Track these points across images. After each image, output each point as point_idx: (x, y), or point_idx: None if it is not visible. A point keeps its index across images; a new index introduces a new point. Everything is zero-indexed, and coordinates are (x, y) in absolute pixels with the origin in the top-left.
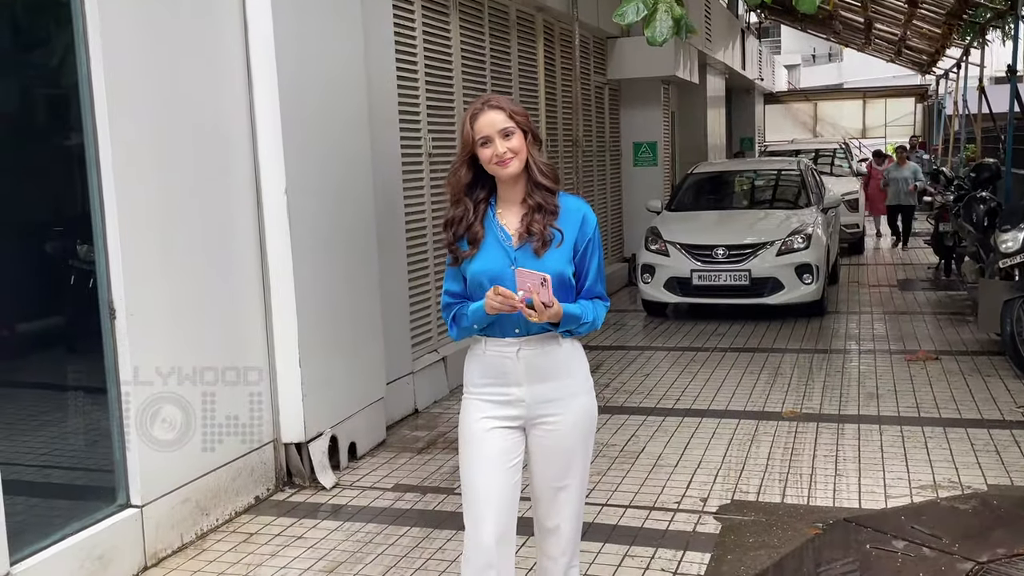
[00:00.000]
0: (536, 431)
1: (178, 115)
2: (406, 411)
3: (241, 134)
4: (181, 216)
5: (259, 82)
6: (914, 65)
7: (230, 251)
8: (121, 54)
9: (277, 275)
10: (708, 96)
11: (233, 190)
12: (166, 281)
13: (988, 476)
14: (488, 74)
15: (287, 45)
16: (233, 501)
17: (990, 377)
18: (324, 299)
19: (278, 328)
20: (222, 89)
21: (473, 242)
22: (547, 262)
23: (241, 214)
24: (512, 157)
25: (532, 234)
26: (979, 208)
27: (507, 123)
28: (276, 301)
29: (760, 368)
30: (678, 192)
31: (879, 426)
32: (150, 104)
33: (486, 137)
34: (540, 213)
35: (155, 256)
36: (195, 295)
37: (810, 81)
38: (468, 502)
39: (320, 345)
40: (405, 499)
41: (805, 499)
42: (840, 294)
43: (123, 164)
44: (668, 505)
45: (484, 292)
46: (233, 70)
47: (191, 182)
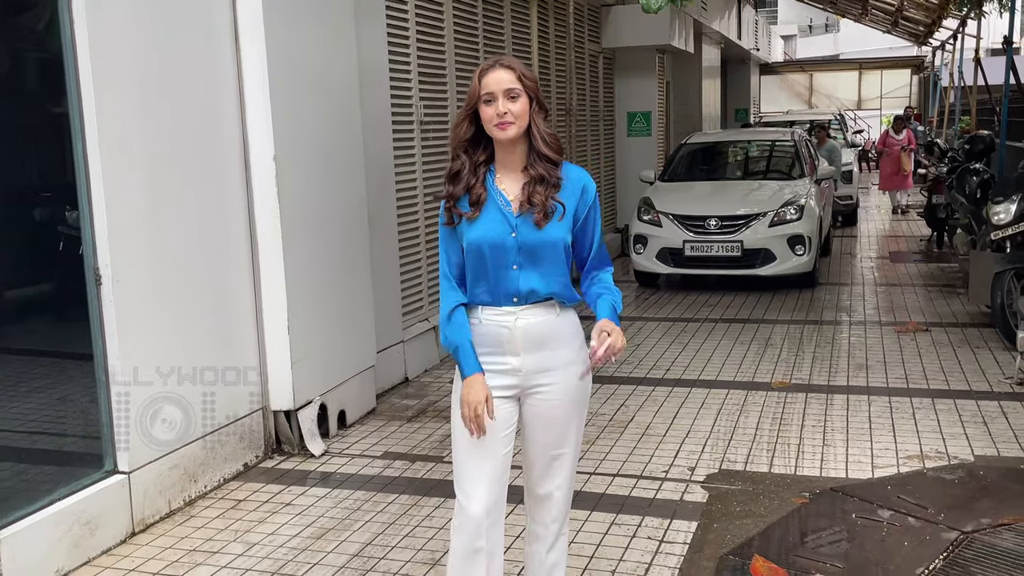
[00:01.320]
0: (531, 400)
1: (164, 80)
2: (396, 379)
3: (229, 100)
4: (168, 182)
5: (247, 47)
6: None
7: (218, 218)
8: (105, 17)
9: (266, 241)
10: (703, 66)
11: (221, 157)
12: (153, 248)
13: (975, 447)
14: (481, 41)
15: (275, 9)
16: (222, 468)
17: (979, 349)
18: (313, 266)
19: (267, 295)
20: (209, 55)
21: (475, 204)
22: (548, 232)
23: (230, 181)
24: (512, 122)
25: (533, 205)
26: (972, 180)
27: (514, 84)
28: (265, 268)
29: (751, 339)
30: (671, 162)
31: (868, 397)
32: (135, 69)
33: (491, 94)
34: (542, 185)
35: (141, 223)
36: (182, 262)
37: (806, 52)
38: (460, 472)
39: (310, 312)
40: (394, 467)
41: (792, 469)
42: (832, 266)
43: (108, 129)
44: (656, 474)
45: (483, 262)
46: (221, 35)
47: (178, 148)
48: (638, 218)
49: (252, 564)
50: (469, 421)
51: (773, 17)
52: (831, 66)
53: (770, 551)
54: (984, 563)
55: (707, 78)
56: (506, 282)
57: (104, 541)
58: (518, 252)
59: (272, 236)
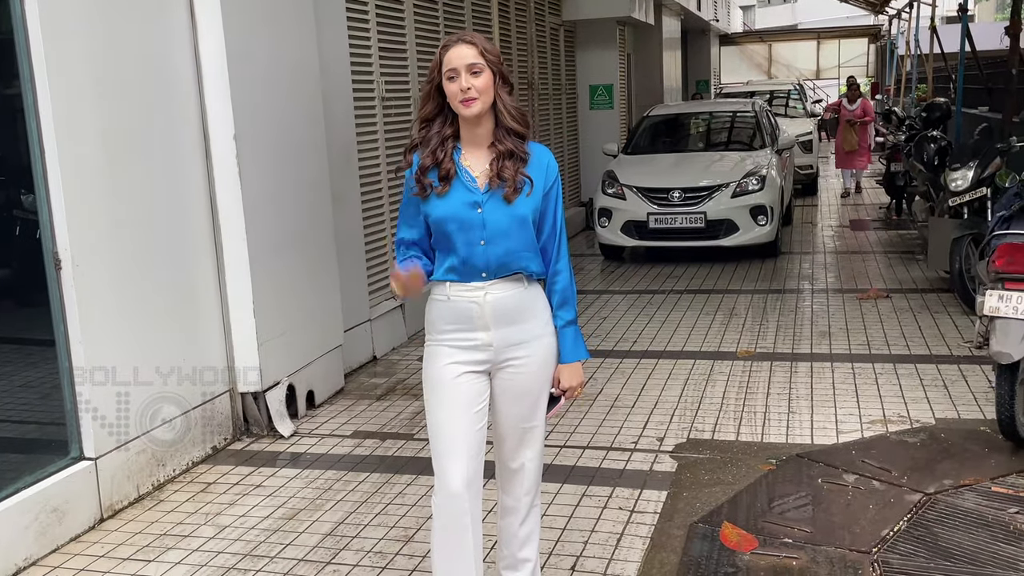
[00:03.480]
0: (502, 374)
1: (119, 58)
2: (364, 358)
3: (187, 80)
4: (126, 164)
5: (204, 25)
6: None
7: (179, 198)
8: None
9: (228, 222)
10: (664, 38)
11: (180, 137)
12: (112, 231)
13: (936, 410)
14: (441, 15)
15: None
16: (190, 451)
17: (939, 314)
18: (277, 246)
19: (231, 276)
20: (165, 31)
21: (444, 179)
22: (516, 208)
23: (189, 161)
24: (475, 97)
25: (504, 180)
26: (930, 148)
27: (476, 59)
28: (228, 248)
29: (715, 309)
30: (634, 135)
31: (831, 364)
32: (88, 48)
33: (453, 70)
34: (511, 159)
35: (100, 205)
36: (143, 244)
37: (765, 22)
38: (437, 449)
39: (275, 293)
40: (364, 446)
41: (759, 436)
42: (794, 235)
43: (62, 110)
44: (625, 445)
45: (449, 239)
46: (176, 13)
47: (136, 128)
48: (602, 191)
49: (223, 547)
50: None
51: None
52: (790, 36)
53: (739, 518)
54: (947, 523)
55: (668, 50)
56: (473, 258)
57: (72, 528)
58: (483, 228)
59: (235, 216)
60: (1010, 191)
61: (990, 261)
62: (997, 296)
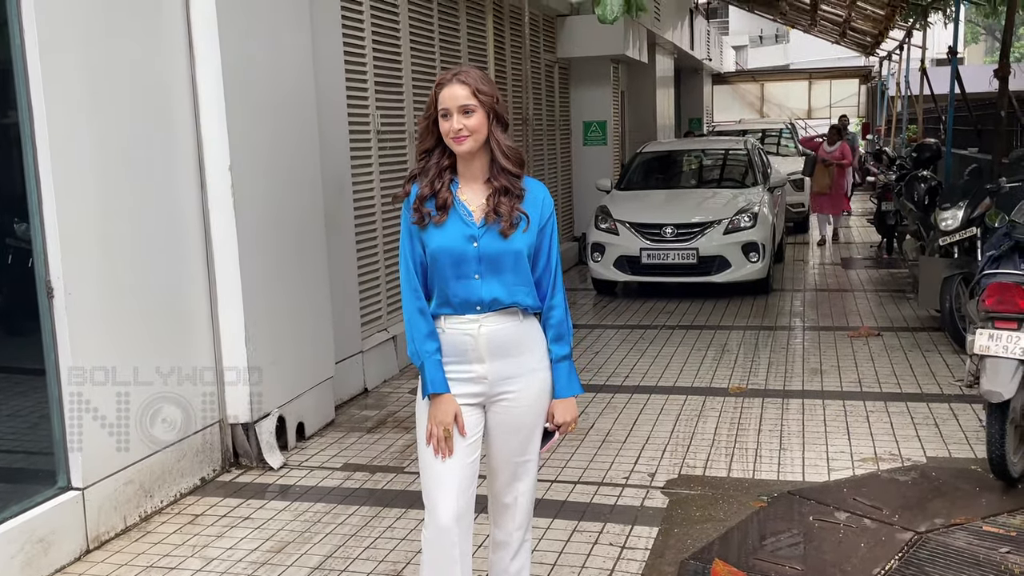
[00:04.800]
0: (496, 407)
1: (116, 89)
2: (355, 390)
3: (183, 110)
4: (121, 194)
5: (201, 56)
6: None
7: (173, 228)
8: (56, 25)
9: (222, 252)
10: (657, 76)
11: (176, 167)
12: (106, 259)
13: (927, 448)
14: (437, 51)
15: (230, 18)
16: (178, 482)
17: (929, 352)
18: (271, 277)
19: (223, 306)
20: (163, 62)
21: (442, 208)
22: (512, 242)
23: (184, 191)
24: (467, 136)
25: (500, 215)
26: (920, 187)
27: (469, 100)
28: (221, 279)
29: (707, 345)
30: (627, 171)
31: (822, 401)
32: (86, 77)
33: (446, 110)
34: (507, 196)
35: (94, 234)
36: (136, 273)
37: (757, 62)
38: (428, 482)
39: (267, 323)
40: (354, 478)
41: (750, 473)
42: (785, 272)
43: (59, 139)
44: (617, 480)
45: (444, 272)
46: (174, 43)
47: (131, 159)
48: (595, 226)
49: None
50: (438, 442)
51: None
52: (782, 76)
53: (730, 555)
54: (938, 563)
55: (661, 88)
56: (468, 291)
57: (58, 559)
58: (479, 262)
59: (228, 247)
60: (999, 231)
61: (980, 300)
62: (987, 335)
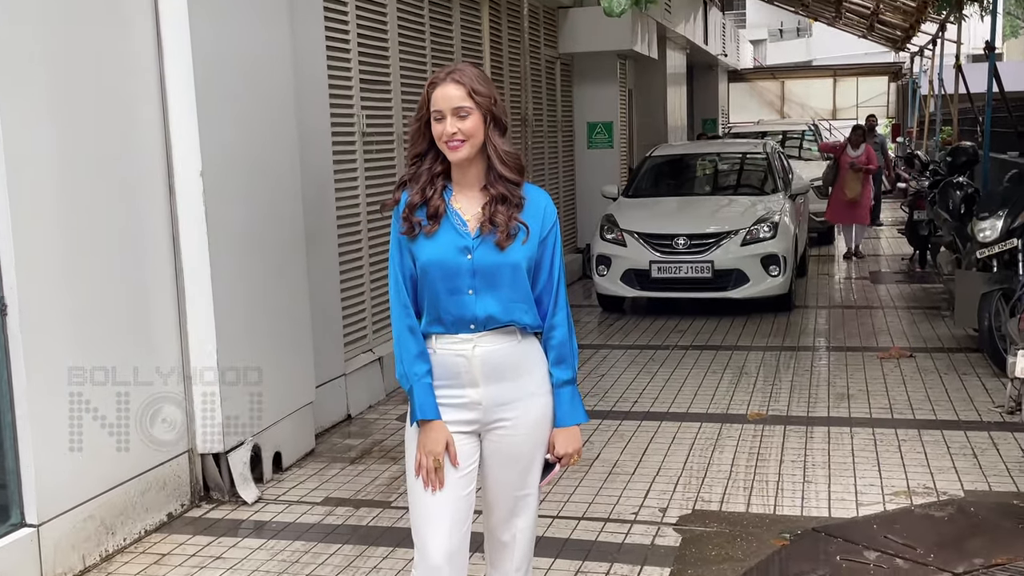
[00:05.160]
0: (492, 436)
1: (75, 88)
2: (338, 417)
3: (151, 108)
4: (81, 203)
5: (170, 49)
6: (887, 41)
7: (138, 239)
8: (10, 10)
9: (192, 266)
10: (668, 73)
11: (141, 172)
12: (65, 274)
13: (965, 481)
14: (428, 46)
15: (202, 6)
16: (143, 518)
17: (967, 375)
18: (245, 293)
19: (193, 325)
20: (128, 58)
21: (433, 217)
22: (509, 254)
23: (151, 198)
24: (461, 142)
25: (496, 225)
26: (955, 195)
27: (464, 102)
28: (191, 295)
29: (724, 367)
30: (636, 177)
31: (850, 429)
32: (43, 74)
33: (439, 112)
34: (504, 204)
35: (53, 247)
36: (98, 289)
37: (777, 58)
38: (417, 517)
39: (241, 344)
40: (336, 514)
41: (771, 508)
42: (809, 287)
43: (14, 144)
44: (624, 516)
45: (435, 286)
46: (141, 37)
47: (93, 163)
48: (600, 237)
49: None
50: (428, 473)
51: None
52: (804, 73)
53: None
54: None
55: (672, 86)
56: (461, 308)
57: None
58: (473, 276)
59: (199, 260)
60: None
61: (1022, 318)
62: None
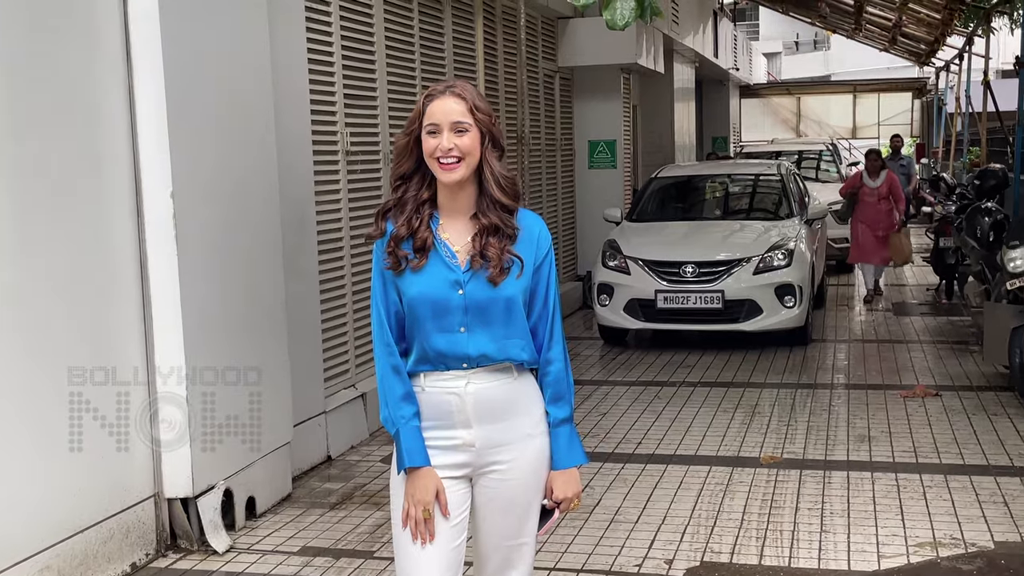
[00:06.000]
0: (485, 480)
1: (35, 98)
2: (317, 459)
3: (118, 127)
4: (38, 228)
5: (140, 59)
6: (911, 55)
7: (101, 267)
8: None
9: (160, 294)
10: (675, 88)
11: (106, 193)
12: (17, 299)
13: (995, 531)
14: (418, 58)
15: (174, 15)
16: (104, 569)
17: (997, 416)
18: (217, 325)
19: (161, 359)
20: (93, 70)
21: (420, 250)
22: (502, 289)
23: (117, 222)
24: (457, 162)
25: (487, 260)
26: (984, 221)
27: (464, 117)
28: (159, 327)
29: (735, 406)
30: (640, 199)
31: (871, 474)
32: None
33: (435, 125)
34: (496, 236)
35: (5, 277)
36: (56, 323)
37: (793, 72)
38: (404, 570)
39: (212, 380)
40: (314, 564)
41: (786, 559)
42: (827, 319)
43: None
44: (628, 568)
45: (423, 324)
46: (107, 44)
47: (51, 184)
48: (603, 264)
49: None
50: (416, 525)
51: (754, 33)
52: (821, 88)
53: None
54: None
55: (680, 102)
56: (452, 346)
57: None
58: (465, 313)
59: (168, 287)
60: None
61: None
62: None
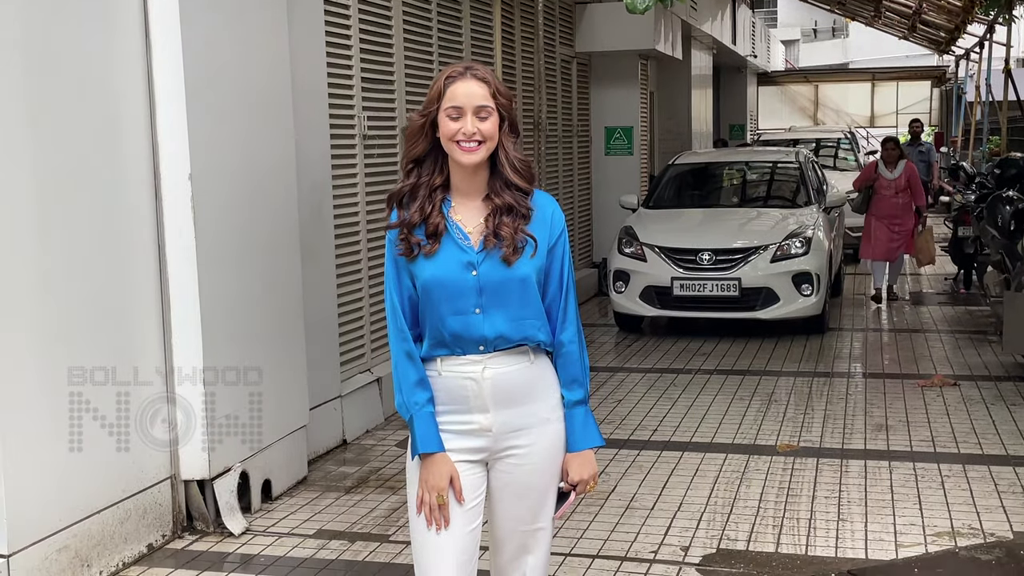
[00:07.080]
0: (502, 465)
1: (57, 85)
2: (333, 442)
3: (137, 109)
4: (58, 211)
5: (159, 42)
6: (930, 43)
7: (119, 249)
8: None
9: (178, 279)
10: (693, 75)
11: (125, 177)
12: (41, 286)
13: (1014, 522)
14: (435, 43)
15: (192, 3)
16: (121, 550)
17: (1016, 406)
18: (235, 309)
19: (178, 343)
20: (112, 54)
21: (433, 235)
22: (516, 269)
23: (135, 204)
24: (479, 145)
25: (501, 239)
26: (1004, 210)
27: (487, 102)
28: (176, 310)
29: (751, 394)
30: (657, 186)
31: (889, 463)
32: (23, 74)
33: (458, 108)
34: (510, 215)
35: (27, 258)
36: (75, 304)
37: (811, 60)
38: (420, 555)
39: (229, 363)
40: (330, 547)
41: (803, 548)
42: (844, 308)
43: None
44: (643, 555)
45: (439, 307)
46: (127, 32)
47: (71, 169)
48: (619, 251)
49: None
50: (431, 511)
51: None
52: (840, 76)
53: None
54: None
55: (697, 88)
56: (467, 328)
57: None
58: (480, 294)
59: (185, 270)
60: None
61: None
62: None
